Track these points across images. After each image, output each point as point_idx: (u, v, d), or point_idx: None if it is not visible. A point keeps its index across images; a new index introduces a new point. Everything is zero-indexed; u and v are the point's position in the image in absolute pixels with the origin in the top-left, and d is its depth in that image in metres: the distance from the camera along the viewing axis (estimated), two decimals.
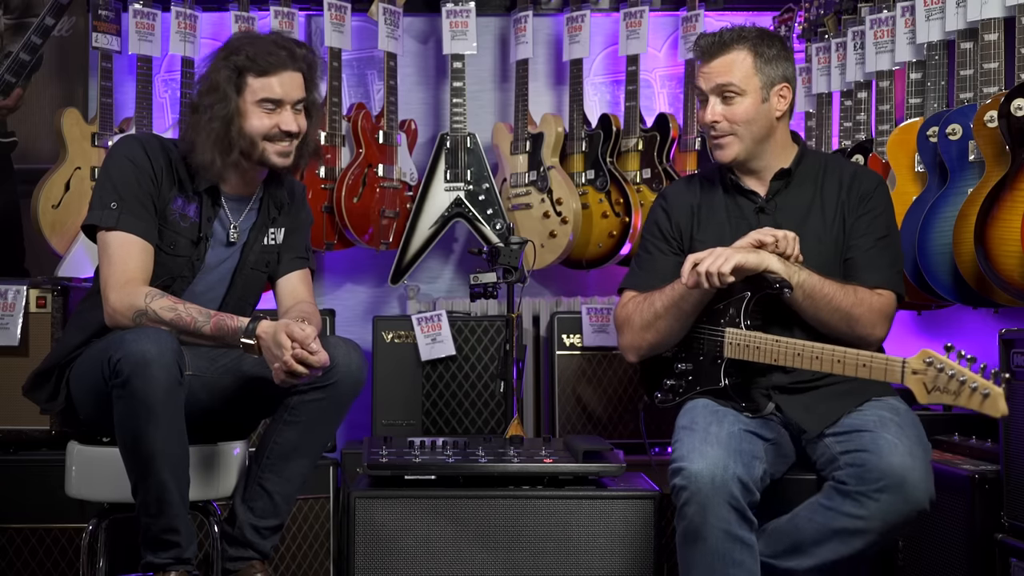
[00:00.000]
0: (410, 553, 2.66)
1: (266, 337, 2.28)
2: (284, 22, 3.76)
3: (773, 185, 2.58)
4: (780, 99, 2.55)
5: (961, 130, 2.78)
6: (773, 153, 2.58)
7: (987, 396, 2.07)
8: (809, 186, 2.59)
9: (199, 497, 2.45)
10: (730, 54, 2.51)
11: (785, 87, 2.55)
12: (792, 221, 2.52)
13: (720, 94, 2.52)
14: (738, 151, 2.54)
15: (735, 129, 2.52)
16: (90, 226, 2.43)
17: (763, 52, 2.52)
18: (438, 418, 3.55)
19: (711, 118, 2.53)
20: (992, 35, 2.78)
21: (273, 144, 2.44)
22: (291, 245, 2.64)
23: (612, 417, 3.57)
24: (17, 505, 3.10)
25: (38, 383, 2.50)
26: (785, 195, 2.58)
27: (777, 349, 2.37)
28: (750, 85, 2.51)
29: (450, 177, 3.85)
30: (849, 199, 2.55)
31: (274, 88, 2.41)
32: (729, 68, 2.51)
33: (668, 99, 4.07)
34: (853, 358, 2.27)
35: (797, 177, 2.59)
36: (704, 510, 2.21)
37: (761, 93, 2.52)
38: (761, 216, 2.56)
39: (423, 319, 3.56)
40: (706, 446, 2.27)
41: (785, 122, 2.60)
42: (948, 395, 2.11)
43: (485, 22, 4.01)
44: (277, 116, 2.42)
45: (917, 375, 2.15)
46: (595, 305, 3.64)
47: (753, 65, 2.51)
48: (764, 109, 2.53)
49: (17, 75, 3.51)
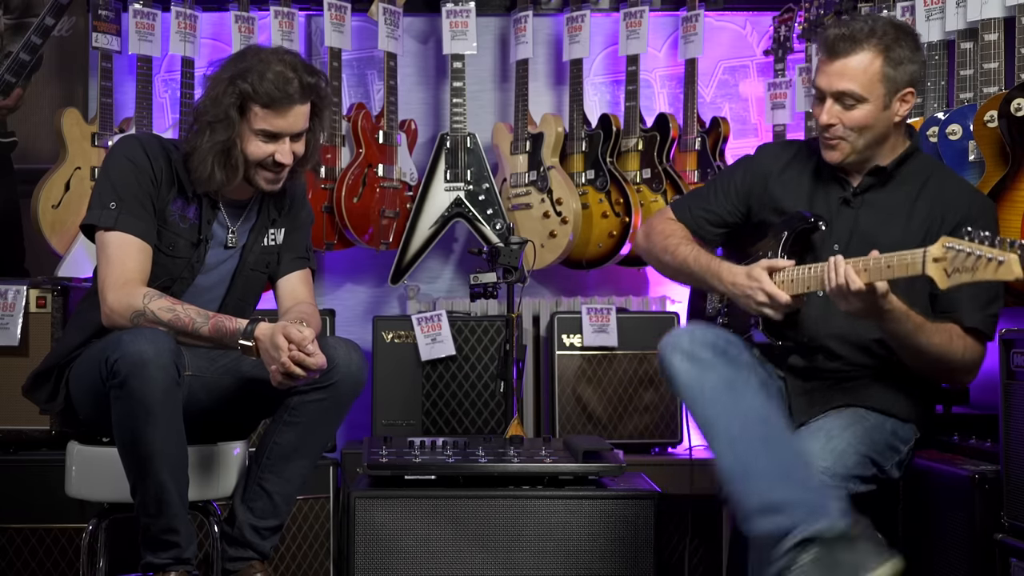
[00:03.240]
0: (410, 553, 2.66)
1: (264, 339, 2.28)
2: (284, 22, 3.76)
3: (866, 181, 2.43)
4: (902, 104, 2.37)
5: (961, 130, 2.78)
6: (882, 154, 2.43)
7: (1002, 263, 1.99)
8: (906, 190, 2.42)
9: (199, 497, 2.45)
10: (858, 55, 2.32)
11: (910, 92, 2.36)
12: (874, 221, 2.41)
13: (839, 99, 2.35)
14: (848, 154, 2.39)
15: (848, 135, 2.37)
16: (89, 226, 2.43)
17: (894, 55, 2.32)
18: (438, 418, 3.55)
19: (826, 120, 2.37)
20: (992, 35, 2.78)
21: (264, 171, 2.42)
22: (291, 245, 2.63)
23: (612, 417, 3.57)
24: (17, 505, 3.10)
25: (38, 383, 2.49)
26: (877, 193, 2.43)
27: (811, 276, 2.29)
28: (873, 92, 2.33)
29: (450, 177, 3.85)
30: (944, 219, 2.37)
31: (276, 123, 2.38)
32: (854, 73, 2.32)
33: (668, 99, 4.07)
34: (876, 263, 2.16)
35: (896, 178, 2.43)
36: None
37: (884, 100, 2.34)
38: (844, 208, 2.44)
39: (423, 319, 3.56)
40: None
41: (902, 124, 2.44)
42: (967, 273, 2.04)
43: (485, 22, 4.01)
44: (274, 146, 2.40)
45: (938, 262, 2.07)
46: (595, 305, 3.64)
47: (880, 71, 2.32)
48: (884, 116, 2.36)
49: (17, 75, 3.51)
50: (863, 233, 2.42)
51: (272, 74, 2.34)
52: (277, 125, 2.38)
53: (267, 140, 2.39)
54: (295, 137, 2.43)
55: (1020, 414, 2.42)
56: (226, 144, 2.37)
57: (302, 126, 2.42)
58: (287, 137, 2.41)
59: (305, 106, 2.41)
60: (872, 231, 2.41)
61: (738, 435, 2.18)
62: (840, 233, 2.44)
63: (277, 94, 2.34)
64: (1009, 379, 2.43)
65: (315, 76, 2.42)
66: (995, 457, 2.56)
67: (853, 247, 2.39)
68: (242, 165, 2.40)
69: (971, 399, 3.10)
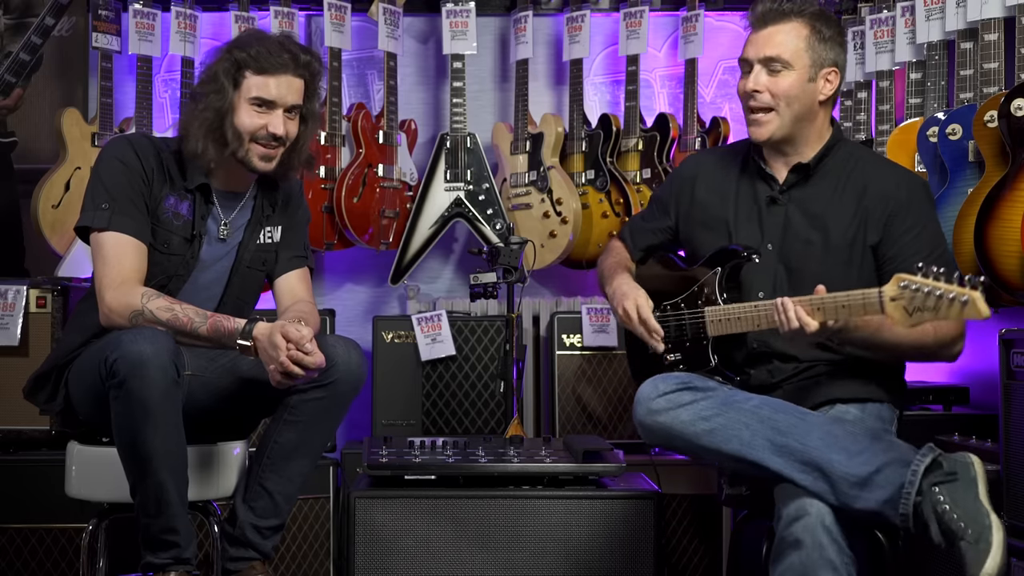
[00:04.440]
0: (410, 553, 2.66)
1: (262, 338, 2.28)
2: (284, 22, 3.76)
3: (790, 178, 2.47)
4: (826, 83, 2.42)
5: (961, 130, 2.78)
6: (808, 139, 2.45)
7: (966, 303, 1.98)
8: (832, 182, 2.45)
9: (199, 497, 2.45)
10: (787, 24, 2.40)
11: (833, 71, 2.42)
12: (805, 217, 2.44)
13: (767, 64, 2.40)
14: (775, 128, 2.42)
15: (776, 104, 2.40)
16: (83, 228, 2.43)
17: (820, 30, 2.40)
18: (438, 418, 3.55)
19: (752, 86, 2.41)
20: (992, 35, 2.78)
21: (258, 145, 2.42)
22: (289, 243, 2.63)
23: (612, 417, 3.57)
24: (17, 505, 3.11)
25: (38, 385, 2.49)
26: (804, 189, 2.46)
27: (758, 314, 2.33)
28: (799, 61, 2.39)
29: (450, 177, 3.85)
30: (874, 210, 2.40)
31: (269, 89, 2.40)
32: (783, 39, 2.40)
33: (668, 99, 4.07)
34: (831, 301, 2.18)
35: (819, 171, 2.46)
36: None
37: (809, 71, 2.39)
38: (772, 207, 2.47)
39: (423, 319, 3.56)
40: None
41: (827, 109, 2.47)
42: (928, 312, 2.03)
43: (485, 22, 4.01)
44: (267, 117, 2.41)
45: (896, 301, 2.08)
46: (595, 305, 3.64)
47: (807, 40, 2.39)
48: (809, 89, 2.40)
49: (17, 75, 3.51)
50: (795, 231, 2.45)
51: (267, 42, 2.41)
52: (270, 92, 2.40)
53: (261, 110, 2.40)
54: (289, 112, 2.43)
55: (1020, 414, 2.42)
56: (219, 113, 2.39)
57: (295, 99, 2.44)
58: (280, 109, 2.41)
59: (299, 80, 2.43)
60: (802, 229, 2.43)
61: (773, 436, 2.20)
62: (771, 232, 2.46)
63: (272, 59, 2.39)
64: (1009, 379, 2.43)
65: (309, 55, 2.46)
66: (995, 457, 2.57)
67: (787, 246, 2.44)
68: (233, 138, 2.40)
69: (971, 399, 3.10)
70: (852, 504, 2.12)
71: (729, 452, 2.23)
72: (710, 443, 2.25)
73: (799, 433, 2.18)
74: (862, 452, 2.13)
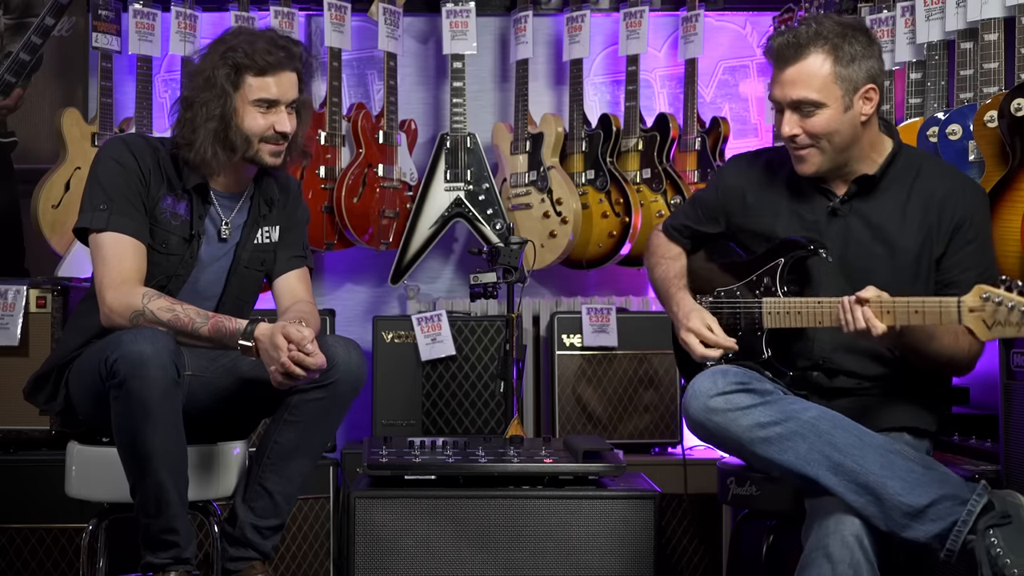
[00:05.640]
0: (410, 553, 2.66)
1: (263, 339, 2.28)
2: (284, 22, 3.76)
3: (853, 188, 2.36)
4: (866, 102, 2.28)
5: (961, 130, 2.78)
6: (862, 156, 2.35)
7: None
8: (896, 193, 2.35)
9: (199, 497, 2.45)
10: (807, 59, 2.26)
11: (871, 89, 2.28)
12: (868, 228, 2.35)
13: (797, 108, 2.28)
14: (820, 163, 2.32)
15: (816, 142, 2.29)
16: (82, 229, 2.43)
17: (844, 53, 2.26)
18: (438, 418, 3.55)
19: (788, 131, 2.30)
20: (992, 35, 2.78)
21: (267, 144, 2.44)
22: (288, 243, 2.63)
23: (612, 417, 3.57)
24: (17, 505, 3.11)
25: (38, 386, 2.49)
26: (865, 200, 2.36)
27: (819, 311, 2.27)
28: (830, 96, 2.25)
29: (450, 177, 3.85)
30: (940, 223, 2.31)
31: (271, 89, 2.41)
32: (806, 79, 2.26)
33: (668, 99, 4.07)
34: (904, 306, 2.12)
35: (884, 182, 2.36)
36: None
37: (843, 101, 2.26)
38: (832, 219, 2.37)
39: (423, 319, 3.56)
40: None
41: (873, 123, 2.34)
42: (1011, 327, 2.01)
43: (485, 22, 4.01)
44: (273, 116, 2.42)
45: (975, 313, 2.04)
46: (595, 305, 3.64)
47: (832, 72, 2.25)
48: (848, 118, 2.27)
49: (17, 75, 3.51)
50: (857, 243, 2.37)
51: (261, 42, 2.41)
52: (272, 92, 2.41)
53: (265, 111, 2.41)
54: (289, 107, 2.45)
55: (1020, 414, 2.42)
56: (223, 120, 2.39)
57: (295, 94, 2.45)
58: (283, 106, 2.43)
59: (295, 74, 2.45)
60: (865, 241, 2.36)
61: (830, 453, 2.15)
62: (833, 245, 2.37)
63: (271, 58, 2.40)
64: (1009, 379, 2.43)
65: (297, 45, 2.48)
66: (995, 457, 2.57)
67: (850, 259, 2.36)
68: (242, 143, 2.41)
69: (971, 399, 3.10)
70: (900, 532, 2.11)
71: (783, 463, 2.18)
72: (764, 452, 2.19)
73: (858, 454, 2.14)
74: (919, 482, 2.11)
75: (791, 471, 2.18)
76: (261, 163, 2.47)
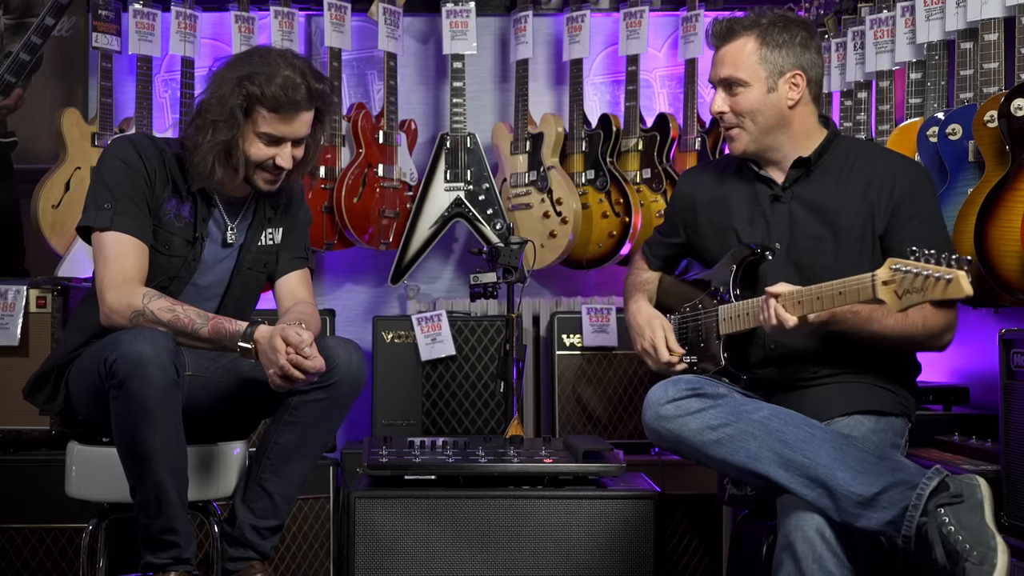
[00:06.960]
0: (410, 553, 2.66)
1: (263, 342, 2.28)
2: (284, 22, 3.76)
3: (791, 174, 2.47)
4: (791, 87, 2.42)
5: (961, 130, 2.78)
6: (792, 143, 2.46)
7: (950, 281, 2.00)
8: (835, 176, 2.45)
9: (199, 497, 2.45)
10: (736, 42, 2.43)
11: (797, 75, 2.41)
12: (810, 212, 2.44)
13: (725, 85, 2.45)
14: (746, 143, 2.46)
15: (740, 121, 2.44)
16: (85, 228, 2.43)
17: (772, 39, 2.41)
18: (438, 418, 3.55)
19: (715, 108, 2.47)
20: (992, 35, 2.78)
21: (264, 172, 2.43)
22: (289, 245, 2.63)
23: (612, 417, 3.57)
24: (17, 505, 3.11)
25: (38, 386, 2.50)
26: (805, 185, 2.46)
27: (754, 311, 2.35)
28: (754, 76, 2.41)
29: (450, 177, 3.85)
30: (879, 199, 2.40)
31: (280, 128, 2.39)
32: (733, 59, 2.43)
33: (668, 99, 4.07)
34: (828, 290, 2.19)
35: (820, 167, 2.46)
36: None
37: (767, 83, 2.41)
38: (776, 205, 2.47)
39: (423, 319, 3.56)
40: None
41: (804, 111, 2.45)
42: (917, 294, 2.04)
43: (485, 22, 4.01)
44: (275, 150, 2.41)
45: (888, 285, 2.09)
46: (595, 305, 3.64)
47: (758, 53, 2.41)
48: (772, 99, 2.42)
49: (17, 75, 3.51)
50: (802, 227, 2.45)
51: (281, 79, 2.35)
52: (281, 130, 2.39)
53: (269, 143, 2.40)
54: (296, 142, 2.43)
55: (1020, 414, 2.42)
56: (228, 144, 2.38)
57: (305, 132, 2.43)
58: (289, 142, 2.41)
59: (310, 113, 2.42)
60: (810, 225, 2.43)
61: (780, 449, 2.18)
62: (779, 231, 2.47)
63: (284, 99, 2.35)
64: (1009, 379, 2.43)
65: (323, 83, 2.42)
66: (995, 457, 2.56)
67: (796, 244, 2.44)
68: (243, 166, 2.41)
69: (971, 399, 3.10)
70: (855, 522, 2.11)
71: (736, 463, 2.22)
72: (716, 453, 2.24)
73: (807, 448, 2.17)
74: (869, 471, 2.12)
75: (744, 470, 2.22)
76: (255, 187, 2.47)
